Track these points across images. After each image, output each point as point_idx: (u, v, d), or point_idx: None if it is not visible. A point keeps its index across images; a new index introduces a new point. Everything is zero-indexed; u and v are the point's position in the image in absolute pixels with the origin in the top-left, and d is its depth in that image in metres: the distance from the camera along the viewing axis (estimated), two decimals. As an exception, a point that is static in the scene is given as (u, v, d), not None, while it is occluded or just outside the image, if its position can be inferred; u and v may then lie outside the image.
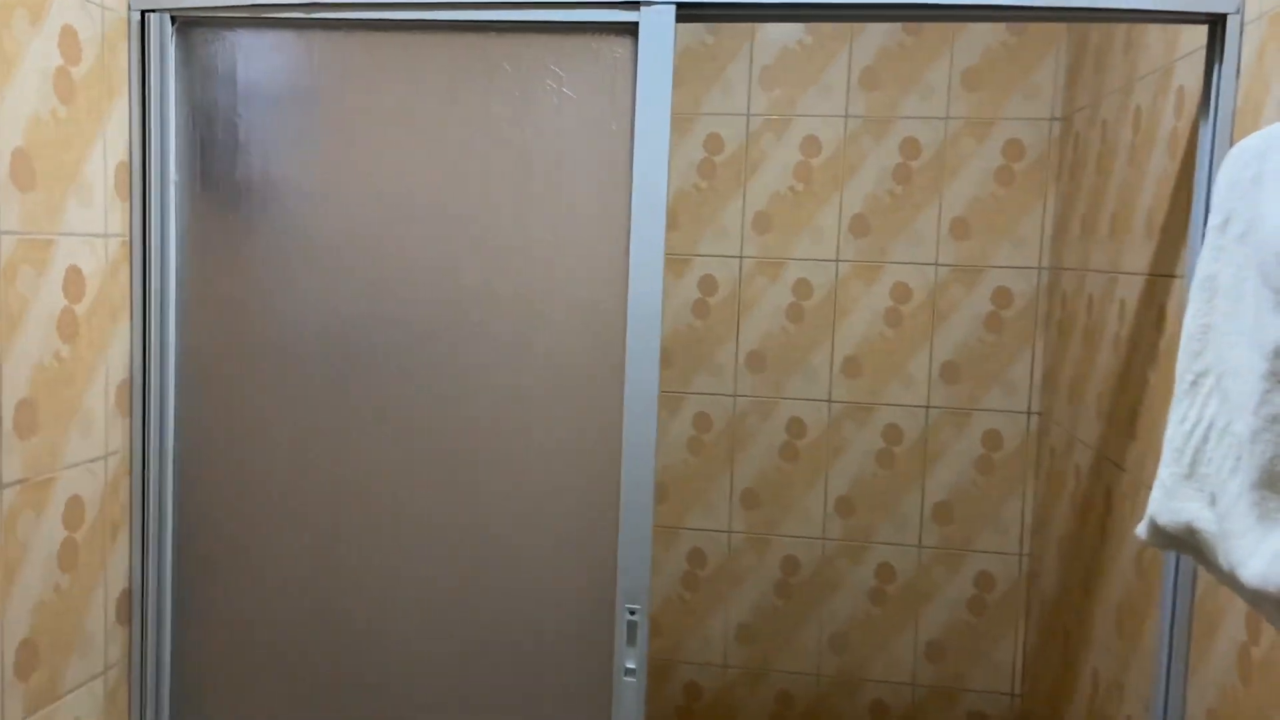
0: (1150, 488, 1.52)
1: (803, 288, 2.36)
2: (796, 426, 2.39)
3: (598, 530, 1.49)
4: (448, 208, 1.46)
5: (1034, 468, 2.30)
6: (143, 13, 1.46)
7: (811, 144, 2.33)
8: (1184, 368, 0.93)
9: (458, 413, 1.48)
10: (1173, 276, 1.48)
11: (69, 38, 1.34)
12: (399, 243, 1.47)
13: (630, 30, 1.39)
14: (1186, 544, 0.91)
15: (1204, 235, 1.27)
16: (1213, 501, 0.86)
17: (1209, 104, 1.28)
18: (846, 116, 2.31)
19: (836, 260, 2.34)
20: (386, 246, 1.48)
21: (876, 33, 2.28)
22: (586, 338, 1.50)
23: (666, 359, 2.40)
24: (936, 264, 2.31)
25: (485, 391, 1.48)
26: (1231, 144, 1.23)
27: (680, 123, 2.35)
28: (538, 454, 1.50)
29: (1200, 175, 1.31)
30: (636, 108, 1.42)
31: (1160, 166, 1.56)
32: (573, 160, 1.47)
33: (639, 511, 1.43)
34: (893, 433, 2.35)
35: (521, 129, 1.46)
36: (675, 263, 2.38)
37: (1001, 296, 2.29)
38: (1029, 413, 2.30)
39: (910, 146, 2.30)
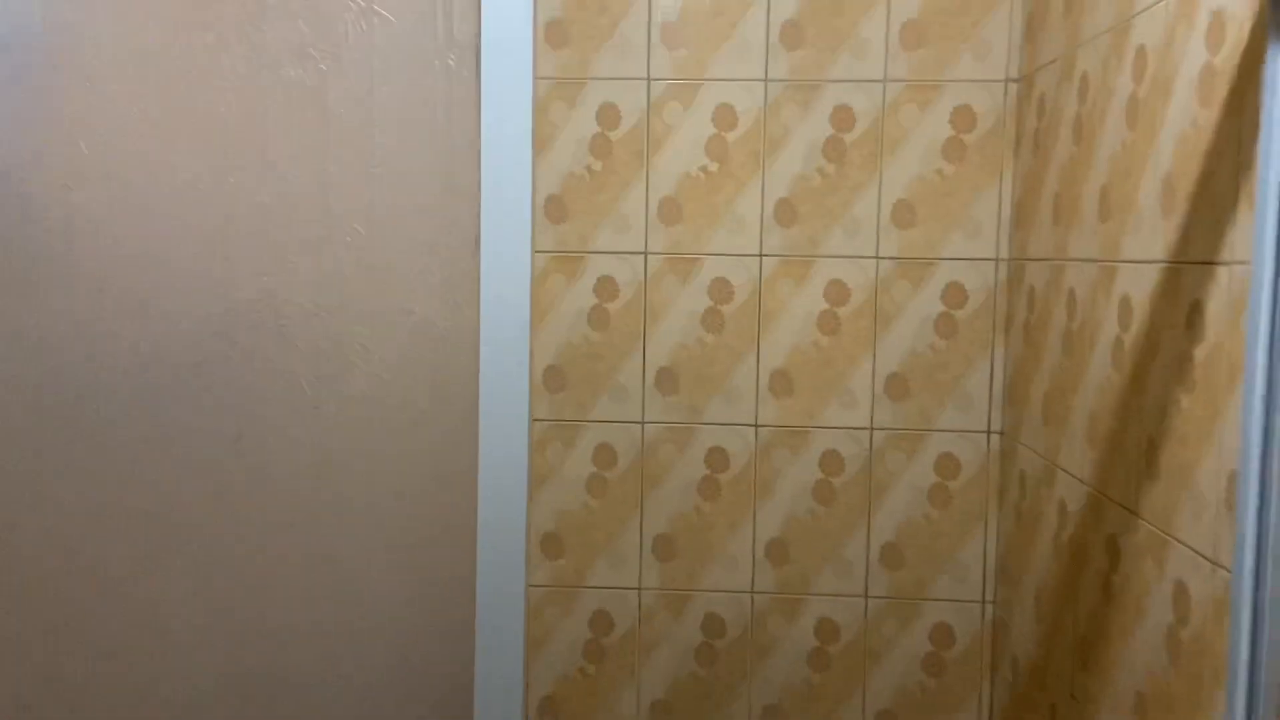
0: (1186, 542, 1.14)
1: (721, 289, 1.94)
2: (717, 458, 1.97)
3: (448, 638, 1.05)
4: (211, 186, 1.00)
5: (997, 498, 1.93)
6: None
7: (726, 115, 1.91)
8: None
9: (234, 484, 1.02)
10: (1214, 264, 1.10)
11: None
12: (142, 240, 1.01)
13: (464, -83, 0.96)
14: None
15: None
16: None
17: (1293, 16, 0.90)
18: (766, 80, 1.91)
19: (760, 255, 1.93)
20: (125, 245, 1.01)
21: (800, -21, 1.89)
22: (420, 365, 1.05)
23: (559, 380, 1.96)
24: (878, 257, 1.92)
25: (274, 452, 1.02)
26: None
27: (567, 90, 1.92)
28: (354, 532, 1.04)
29: (1271, 117, 0.93)
30: (483, 33, 0.99)
31: (1185, 119, 1.18)
32: (392, 111, 1.02)
33: (505, 610, 0.99)
34: (832, 461, 1.96)
35: (315, 69, 1.01)
36: (566, 261, 1.94)
37: (954, 294, 1.92)
38: (988, 432, 1.93)
39: (843, 116, 1.90)
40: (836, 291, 1.93)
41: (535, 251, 1.93)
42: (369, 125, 1.00)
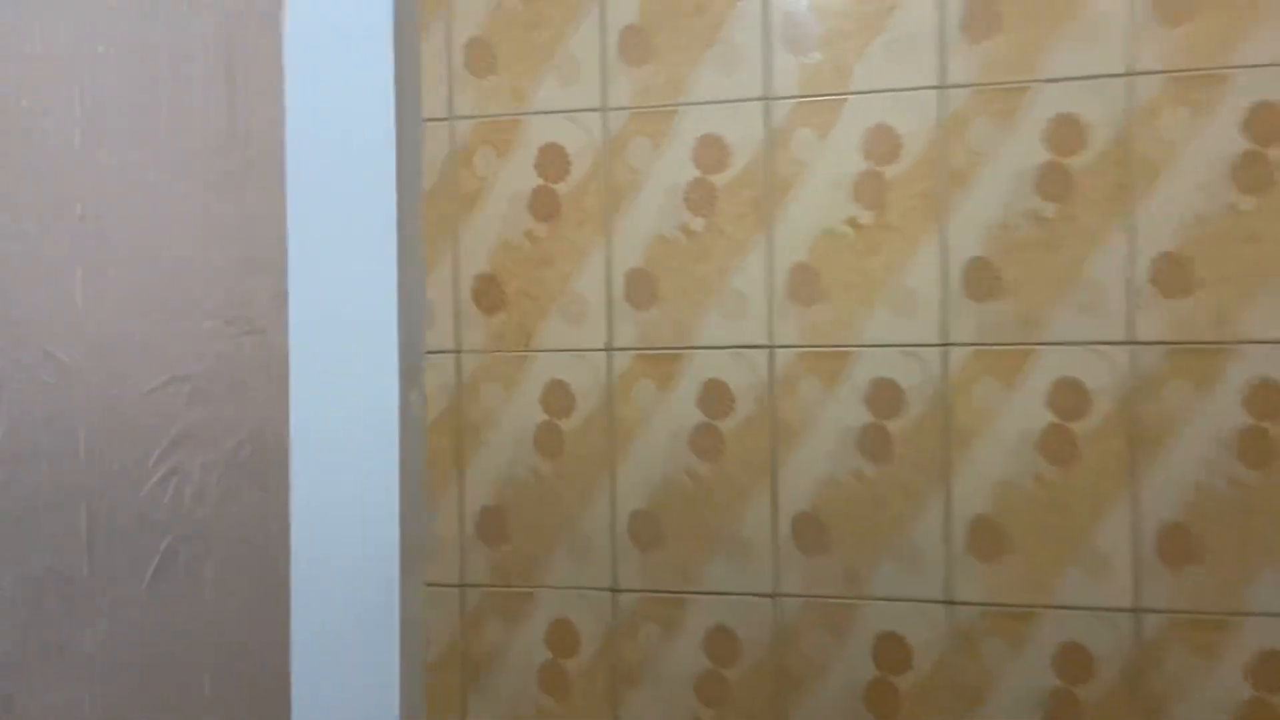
0: None
1: (885, 396, 1.30)
2: (892, 650, 1.31)
3: None
4: None
5: (1369, 729, 1.18)
6: None
7: (883, 140, 1.30)
8: None
9: None
10: None
11: None
12: None
13: None
14: None
15: None
16: None
17: None
18: (942, 88, 1.29)
19: (944, 344, 1.29)
20: None
21: (988, -63, 1.28)
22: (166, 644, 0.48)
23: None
24: (1132, 343, 1.24)
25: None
26: None
27: (650, 121, 1.36)
28: None
29: None
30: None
31: None
32: (110, 101, 0.48)
33: None
34: (1075, 660, 1.26)
35: None
36: (657, 362, 1.36)
37: (1266, 397, 1.21)
38: (1341, 616, 1.19)
39: (1065, 131, 1.26)
40: (1069, 396, 1.26)
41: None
42: (65, 135, 0.44)
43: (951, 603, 1.29)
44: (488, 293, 1.40)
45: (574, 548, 1.38)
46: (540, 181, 1.38)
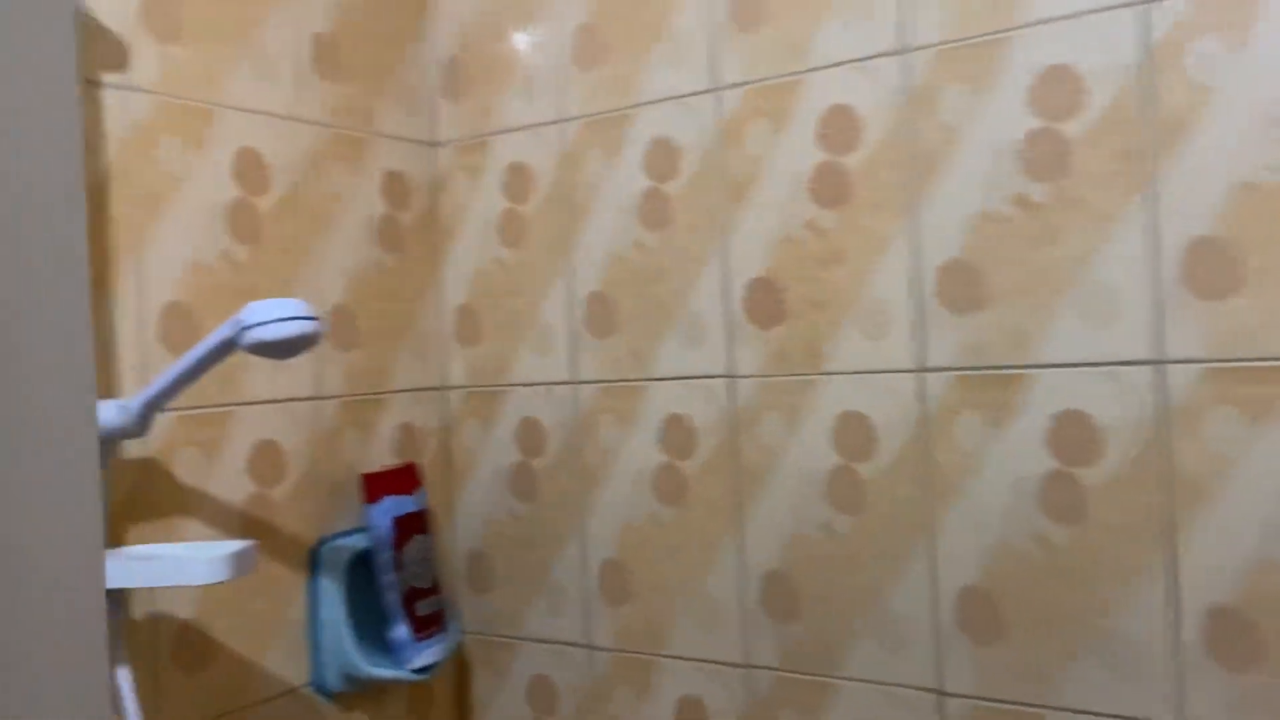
0: None
1: (1077, 433, 0.97)
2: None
3: None
4: None
5: None
6: None
7: (1062, 88, 0.96)
8: None
9: None
10: None
11: None
12: None
13: None
14: None
15: None
16: None
17: None
18: (1145, 2, 0.93)
19: (1158, 361, 0.93)
20: None
21: None
22: None
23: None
24: None
25: None
26: None
27: (769, 97, 1.12)
28: None
29: None
30: None
31: None
32: None
33: None
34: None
35: None
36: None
37: None
38: None
39: (1347, 41, 0.84)
40: (1362, 434, 0.84)
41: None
42: None
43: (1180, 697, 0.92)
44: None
45: (699, 616, 1.18)
46: (650, 183, 1.19)
